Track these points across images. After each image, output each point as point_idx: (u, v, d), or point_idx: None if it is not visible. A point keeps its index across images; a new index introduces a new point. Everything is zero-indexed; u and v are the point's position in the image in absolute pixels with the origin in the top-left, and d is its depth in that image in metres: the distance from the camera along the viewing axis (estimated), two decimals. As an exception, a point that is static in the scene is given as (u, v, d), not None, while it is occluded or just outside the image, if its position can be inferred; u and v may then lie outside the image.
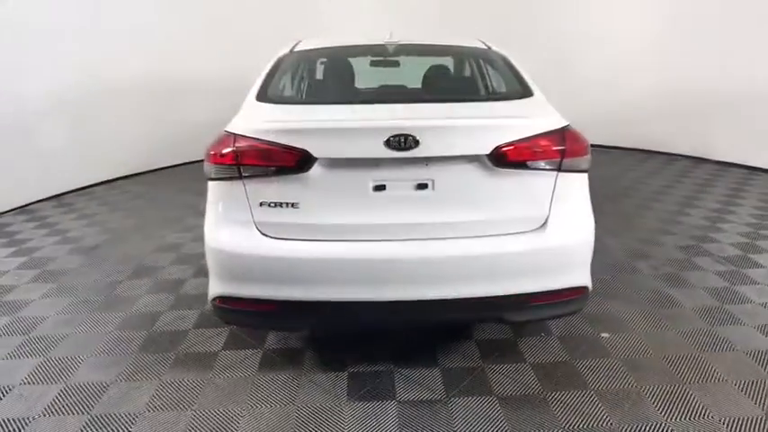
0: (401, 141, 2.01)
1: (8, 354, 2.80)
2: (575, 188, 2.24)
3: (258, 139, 2.11)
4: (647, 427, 2.16)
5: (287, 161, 2.09)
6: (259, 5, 7.24)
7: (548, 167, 2.16)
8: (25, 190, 5.53)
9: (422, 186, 2.14)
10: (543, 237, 2.17)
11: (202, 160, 2.27)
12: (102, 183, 6.35)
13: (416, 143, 2.02)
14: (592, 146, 2.33)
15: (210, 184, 2.25)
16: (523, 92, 2.55)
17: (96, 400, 2.40)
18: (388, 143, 2.02)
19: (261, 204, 2.16)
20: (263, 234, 2.17)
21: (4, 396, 2.45)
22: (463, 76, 3.40)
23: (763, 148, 6.31)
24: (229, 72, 6.75)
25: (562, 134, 2.18)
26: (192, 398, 2.41)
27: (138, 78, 6.50)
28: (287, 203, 2.14)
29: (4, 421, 2.28)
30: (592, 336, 2.85)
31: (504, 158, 2.10)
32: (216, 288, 2.26)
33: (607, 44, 7.47)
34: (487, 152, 2.08)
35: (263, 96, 2.52)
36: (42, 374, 2.61)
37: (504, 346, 2.76)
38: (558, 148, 2.15)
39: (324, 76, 3.19)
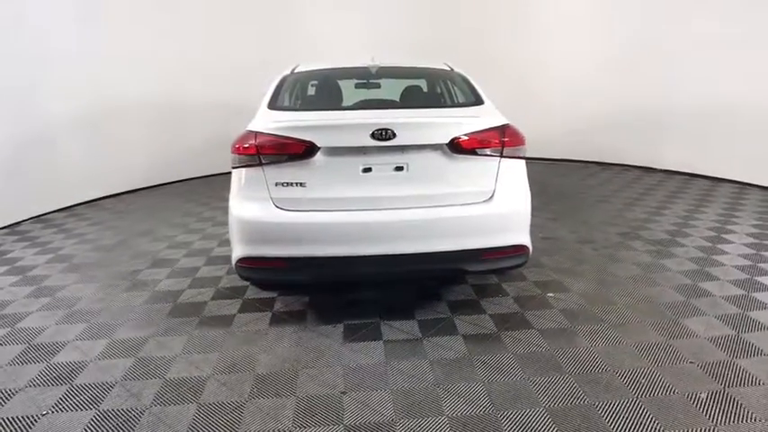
0: (383, 133, 2.70)
1: (57, 321, 3.36)
2: (514, 170, 2.95)
3: (275, 134, 2.79)
4: (576, 351, 2.80)
5: (297, 150, 2.76)
6: (255, 37, 7.99)
7: (493, 154, 2.88)
8: (41, 201, 6.08)
9: (399, 168, 2.83)
10: (491, 206, 2.87)
11: (203, 177, 2.92)
12: (110, 196, 6.92)
13: (394, 135, 2.71)
14: (552, 159, 3.07)
15: (235, 170, 2.91)
16: (476, 101, 3.28)
17: (138, 350, 2.97)
18: (373, 135, 2.71)
19: (276, 184, 2.82)
20: (278, 207, 2.82)
21: (63, 348, 3.01)
22: (431, 91, 4.14)
23: (701, 157, 7.17)
24: (226, 97, 7.50)
25: (503, 129, 2.90)
26: (218, 345, 3.00)
27: (147, 100, 7.17)
28: (296, 183, 2.81)
29: (66, 363, 2.84)
30: (539, 295, 3.53)
31: (460, 147, 2.81)
32: (239, 251, 2.89)
33: (564, 67, 8.35)
34: (447, 142, 2.78)
35: (273, 105, 3.20)
36: (89, 334, 3.18)
37: (468, 304, 3.41)
38: (501, 140, 2.87)
39: (321, 92, 3.91)
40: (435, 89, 4.07)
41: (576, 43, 8.20)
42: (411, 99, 3.69)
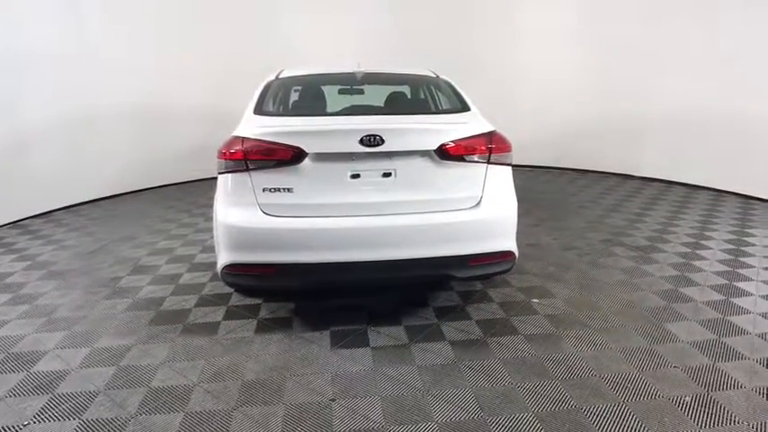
0: (371, 140, 2.70)
1: (36, 329, 3.28)
2: (501, 177, 2.98)
3: (262, 139, 2.77)
4: (562, 356, 2.84)
5: (284, 156, 2.75)
6: (239, 44, 7.95)
7: (480, 161, 2.90)
8: (18, 206, 5.94)
9: (387, 174, 2.83)
10: (478, 212, 2.89)
11: (184, 182, 2.90)
12: (88, 201, 6.80)
13: (383, 141, 2.72)
14: (532, 167, 3.11)
15: (221, 176, 2.88)
16: (462, 107, 3.31)
17: (121, 358, 2.92)
18: (361, 141, 2.71)
19: (263, 190, 2.80)
20: (265, 213, 2.80)
21: (43, 357, 2.94)
22: (416, 97, 4.16)
23: (678, 165, 7.33)
24: (209, 103, 7.45)
25: (490, 136, 2.93)
26: (203, 352, 2.96)
27: (125, 105, 7.08)
28: (284, 188, 2.79)
29: (48, 372, 2.78)
30: (524, 301, 3.56)
31: (448, 153, 2.83)
32: (225, 258, 2.86)
33: (543, 74, 8.47)
34: (434, 148, 2.80)
35: (259, 110, 3.19)
36: (70, 342, 3.11)
37: (454, 310, 3.42)
38: (488, 146, 2.90)
39: (306, 97, 3.89)
40: (421, 96, 4.09)
41: (555, 51, 8.32)
42: (396, 105, 3.71)
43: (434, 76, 3.89)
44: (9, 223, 5.85)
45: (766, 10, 6.10)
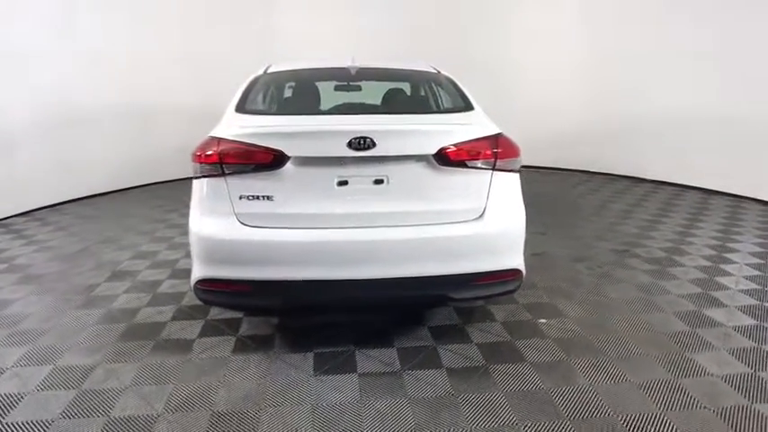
0: (361, 142, 2.38)
1: (-4, 343, 3.00)
2: (508, 185, 2.65)
3: (239, 141, 2.46)
4: (574, 390, 2.52)
5: (264, 159, 2.44)
6: (228, 38, 7.65)
7: (484, 167, 2.57)
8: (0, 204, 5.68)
9: (379, 181, 2.52)
10: (481, 225, 2.57)
11: (173, 180, 2.60)
12: (74, 200, 6.52)
13: (374, 144, 2.40)
14: (538, 167, 2.78)
15: (196, 181, 2.58)
16: (465, 106, 2.98)
17: (83, 380, 2.62)
18: (350, 144, 2.39)
19: (240, 197, 2.49)
20: (242, 223, 2.50)
21: (0, 376, 2.66)
22: (416, 95, 3.83)
23: (693, 168, 6.95)
24: (198, 98, 7.14)
25: (496, 139, 2.60)
26: (173, 374, 2.66)
27: (112, 101, 6.79)
28: (263, 196, 2.48)
29: (1, 396, 2.49)
30: (531, 321, 3.24)
31: (447, 158, 2.50)
32: (199, 272, 2.56)
33: (548, 73, 8.13)
34: (433, 152, 2.48)
35: (241, 108, 2.87)
36: (32, 359, 2.82)
37: (452, 330, 3.11)
38: (493, 151, 2.57)
39: (294, 94, 3.58)
40: (420, 93, 3.77)
41: (561, 49, 7.99)
42: (393, 104, 3.38)
43: (435, 72, 3.57)
44: (-9, 221, 5.59)
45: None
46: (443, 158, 2.49)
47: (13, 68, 5.66)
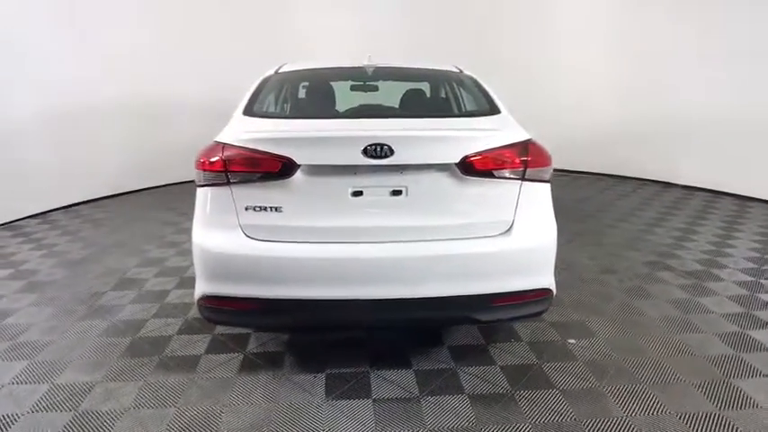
0: (378, 150, 2.18)
1: (-6, 357, 2.86)
2: (538, 196, 2.42)
3: (245, 147, 2.27)
4: (608, 422, 2.29)
5: (271, 168, 2.25)
6: (241, 33, 7.50)
7: (512, 176, 2.35)
8: (12, 206, 5.58)
9: (396, 192, 2.31)
10: (509, 240, 2.34)
11: (185, 182, 2.42)
12: (85, 201, 6.42)
13: (391, 152, 2.19)
14: (565, 171, 2.53)
15: (199, 189, 2.40)
16: (491, 109, 2.76)
17: (81, 400, 2.47)
18: (365, 152, 2.19)
19: (246, 208, 2.30)
20: (248, 236, 2.31)
21: (-9, 395, 2.51)
22: (437, 97, 3.61)
23: (728, 173, 6.61)
24: (212, 97, 6.99)
25: (525, 146, 2.37)
26: (176, 396, 2.49)
27: (126, 100, 6.67)
28: (271, 207, 2.29)
29: (-9, 417, 2.35)
30: (559, 341, 3.00)
31: (472, 167, 2.28)
32: (202, 288, 2.38)
33: (578, 73, 7.83)
34: (457, 161, 2.26)
35: (249, 111, 2.69)
36: (29, 375, 2.68)
37: (475, 351, 2.89)
38: (522, 159, 2.34)
39: (306, 96, 3.38)
40: (441, 94, 3.55)
41: (590, 46, 7.69)
42: (412, 106, 3.16)
43: (458, 71, 3.35)
44: (3, 224, 5.51)
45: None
46: (468, 167, 2.27)
47: (22, 63, 5.56)
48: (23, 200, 5.70)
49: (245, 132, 2.38)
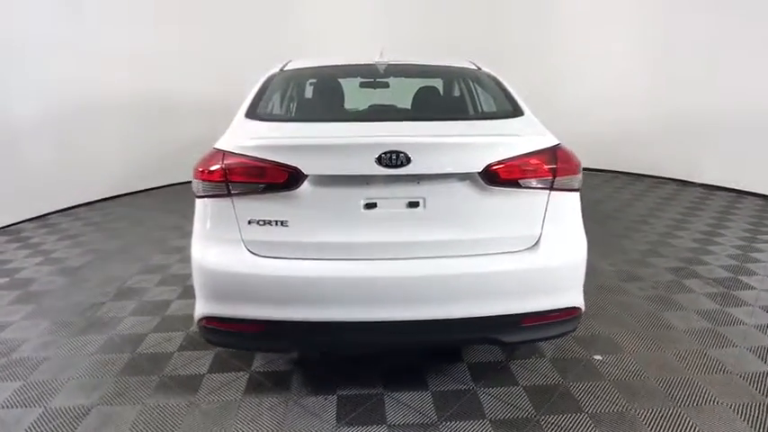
0: (393, 158, 1.99)
1: (-15, 377, 2.70)
2: (567, 207, 2.23)
3: (247, 155, 2.08)
4: (643, 452, 2.11)
5: (276, 178, 2.06)
6: (246, 28, 7.30)
7: (540, 186, 2.15)
8: (9, 209, 5.43)
9: (413, 204, 2.12)
10: (535, 256, 2.15)
11: (188, 182, 2.23)
12: (85, 204, 6.26)
13: (408, 160, 2.00)
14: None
15: (198, 201, 2.21)
16: (514, 111, 2.56)
17: (74, 428, 2.30)
18: (379, 160, 1.99)
19: (249, 222, 2.12)
20: (252, 252, 2.13)
21: (-21, 421, 2.35)
22: (453, 96, 3.41)
23: (752, 171, 6.36)
24: (216, 94, 6.79)
25: (554, 152, 2.17)
26: (175, 423, 2.32)
27: (127, 99, 6.50)
28: (276, 221, 2.10)
29: (-23, 447, 2.18)
30: (584, 358, 2.81)
31: (497, 177, 2.09)
32: (202, 308, 2.20)
33: (591, 64, 7.60)
34: (479, 170, 2.06)
35: (252, 114, 2.50)
36: (21, 398, 2.51)
37: (495, 369, 2.71)
38: (550, 167, 2.15)
39: (314, 95, 3.18)
40: (458, 94, 3.34)
41: (607, 37, 7.45)
42: (428, 107, 2.96)
43: (475, 68, 3.14)
44: (0, 228, 5.35)
45: None
46: (492, 177, 2.08)
47: (21, 60, 5.40)
48: (20, 202, 5.52)
49: (247, 138, 2.19)
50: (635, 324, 3.18)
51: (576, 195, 2.27)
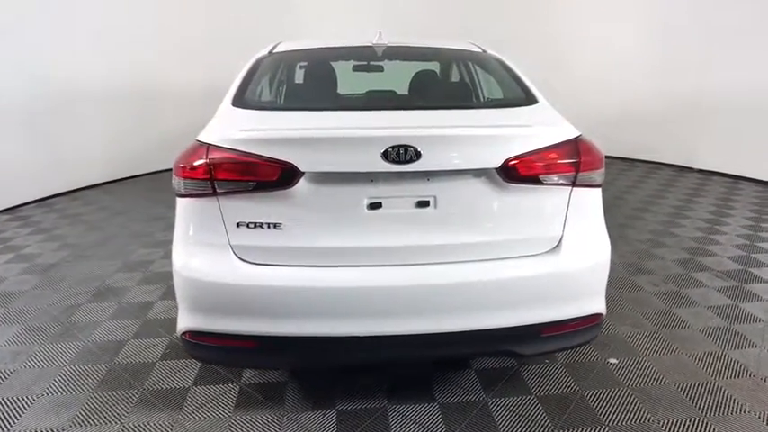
0: (401, 153, 1.76)
1: (-55, 394, 2.44)
2: (589, 205, 2.03)
3: (235, 150, 1.84)
4: (673, 471, 1.94)
5: (268, 175, 1.82)
6: (234, 11, 6.96)
7: (561, 182, 1.94)
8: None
9: (423, 204, 1.89)
10: (557, 259, 1.95)
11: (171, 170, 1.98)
12: (62, 194, 5.93)
13: (418, 155, 1.77)
14: None
15: (180, 201, 1.97)
16: (527, 98, 2.33)
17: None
18: (385, 155, 1.76)
19: (238, 225, 1.88)
20: (241, 259, 1.89)
21: (-64, 448, 2.10)
22: (456, 81, 3.17)
23: (750, 157, 6.23)
24: (203, 79, 6.47)
25: (576, 145, 1.96)
26: (159, 445, 2.10)
27: (101, 83, 6.13)
28: (268, 224, 1.87)
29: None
30: (599, 361, 2.64)
31: (515, 172, 1.87)
32: (185, 321, 1.96)
33: (588, 49, 7.40)
34: (497, 165, 1.84)
35: (239, 101, 2.24)
36: (-16, 420, 2.27)
37: (506, 377, 2.52)
38: (572, 161, 1.94)
39: (308, 81, 2.92)
40: (465, 79, 3.10)
41: (604, 21, 7.23)
42: (432, 94, 2.72)
43: (481, 51, 2.90)
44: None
45: None
46: (511, 173, 1.86)
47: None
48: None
49: (235, 130, 1.94)
50: (648, 323, 3.01)
51: (599, 192, 2.07)
